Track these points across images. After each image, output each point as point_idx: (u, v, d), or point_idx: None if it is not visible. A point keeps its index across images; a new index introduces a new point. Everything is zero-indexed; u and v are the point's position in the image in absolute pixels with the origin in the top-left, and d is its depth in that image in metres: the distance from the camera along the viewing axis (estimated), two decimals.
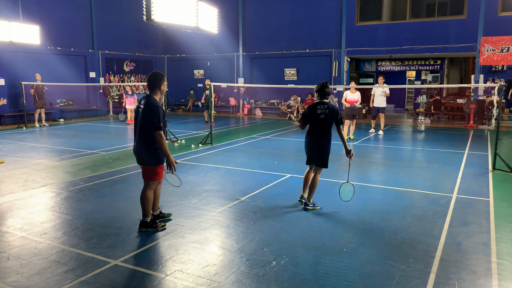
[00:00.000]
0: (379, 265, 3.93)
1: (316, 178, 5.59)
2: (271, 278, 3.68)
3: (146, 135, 4.51)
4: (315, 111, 5.50)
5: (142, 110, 4.53)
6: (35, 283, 3.60)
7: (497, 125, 8.14)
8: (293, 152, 10.33)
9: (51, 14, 17.28)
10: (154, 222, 4.84)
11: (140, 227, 4.79)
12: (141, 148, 4.60)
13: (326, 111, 5.46)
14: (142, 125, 4.51)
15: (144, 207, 4.75)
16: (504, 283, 3.60)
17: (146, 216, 4.77)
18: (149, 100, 4.55)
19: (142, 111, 4.52)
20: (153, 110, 4.43)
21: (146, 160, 4.63)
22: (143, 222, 4.79)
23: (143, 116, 4.48)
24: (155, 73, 4.66)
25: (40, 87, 15.15)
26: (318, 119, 5.47)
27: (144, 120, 4.48)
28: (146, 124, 4.46)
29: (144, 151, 4.59)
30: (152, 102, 4.51)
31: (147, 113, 4.45)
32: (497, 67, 15.92)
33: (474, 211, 5.51)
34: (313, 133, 5.57)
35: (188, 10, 7.79)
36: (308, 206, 5.58)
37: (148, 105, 4.49)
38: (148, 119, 4.44)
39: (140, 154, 4.64)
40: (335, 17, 18.39)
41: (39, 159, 9.11)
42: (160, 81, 4.62)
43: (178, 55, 22.79)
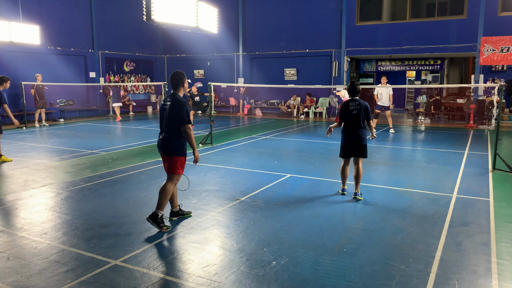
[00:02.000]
0: (379, 265, 3.93)
1: (359, 168, 6.09)
2: (271, 278, 3.68)
3: (174, 129, 4.81)
4: (347, 108, 6.02)
5: (170, 106, 4.82)
6: (35, 283, 3.60)
7: (497, 125, 8.14)
8: (293, 152, 10.34)
9: (51, 14, 17.28)
10: (162, 220, 4.86)
11: (149, 218, 4.81)
12: (169, 140, 4.84)
13: (358, 107, 5.98)
14: (171, 120, 4.80)
15: (161, 200, 4.83)
16: (504, 283, 3.60)
17: (160, 208, 4.82)
18: (176, 97, 4.86)
19: (169, 107, 4.81)
20: (182, 106, 4.75)
21: (174, 151, 4.84)
22: (154, 214, 4.82)
23: (172, 112, 4.78)
24: (177, 73, 4.95)
25: (40, 87, 15.16)
26: (351, 115, 5.97)
27: (173, 115, 4.78)
28: (175, 119, 4.77)
29: (173, 142, 4.83)
30: (179, 99, 4.83)
31: (176, 109, 4.76)
32: (497, 67, 15.92)
33: (474, 211, 5.51)
34: (349, 128, 6.06)
35: (188, 10, 7.80)
36: (357, 195, 6.04)
37: (176, 101, 4.81)
38: (177, 114, 4.75)
39: (168, 145, 4.86)
40: (335, 17, 18.39)
41: (39, 159, 9.11)
42: (182, 79, 4.94)
43: (178, 55, 22.79)
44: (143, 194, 6.33)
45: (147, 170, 7.97)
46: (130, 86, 21.61)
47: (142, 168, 8.15)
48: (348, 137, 6.05)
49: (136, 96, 22.02)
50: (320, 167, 8.28)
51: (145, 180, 7.19)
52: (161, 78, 22.74)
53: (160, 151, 4.97)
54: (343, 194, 6.28)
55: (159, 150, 4.98)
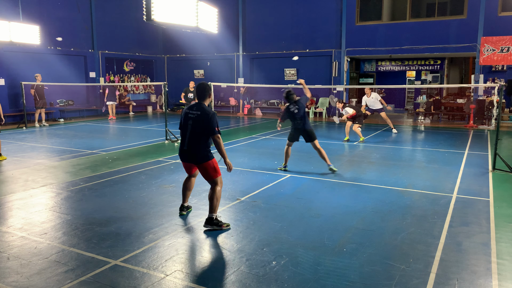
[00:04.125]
0: (379, 265, 3.93)
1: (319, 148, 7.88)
2: (271, 278, 3.68)
3: (201, 138, 4.88)
4: (289, 110, 7.87)
5: (197, 116, 4.88)
6: (35, 283, 3.60)
7: (497, 125, 8.14)
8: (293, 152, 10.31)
9: (51, 14, 17.28)
10: (219, 221, 4.93)
11: (206, 224, 4.90)
12: (198, 149, 4.91)
13: (297, 106, 7.80)
14: (199, 130, 4.86)
15: (213, 204, 4.93)
16: (504, 283, 3.60)
17: (213, 212, 4.92)
18: (203, 107, 4.93)
19: (196, 118, 4.88)
20: (212, 117, 4.84)
21: (205, 157, 4.92)
22: (209, 219, 4.91)
23: (200, 122, 4.85)
24: (203, 84, 5.07)
25: (40, 87, 15.16)
26: (293, 113, 7.82)
27: (202, 126, 4.84)
28: (204, 130, 4.84)
29: (201, 151, 4.91)
30: (208, 110, 4.92)
31: (206, 120, 4.83)
32: (497, 67, 15.92)
33: (474, 211, 5.51)
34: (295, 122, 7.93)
35: (188, 10, 7.79)
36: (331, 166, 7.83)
37: (204, 112, 4.88)
38: (207, 125, 4.82)
39: (198, 153, 4.92)
40: (335, 17, 18.39)
41: (39, 159, 9.11)
42: (208, 91, 5.08)
43: (178, 55, 22.78)
44: (143, 194, 6.33)
45: (147, 170, 7.97)
46: (130, 86, 21.61)
47: (142, 168, 8.15)
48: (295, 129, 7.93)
49: (136, 96, 22.02)
50: (320, 167, 8.28)
51: (145, 180, 7.20)
52: (161, 78, 22.75)
53: (188, 161, 5.05)
54: (285, 170, 7.90)
55: (186, 160, 5.05)
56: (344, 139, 11.53)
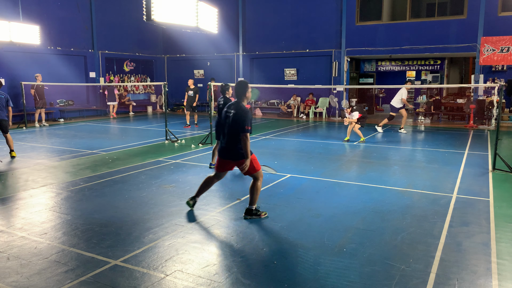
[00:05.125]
0: (379, 265, 3.93)
1: None
2: (271, 278, 3.68)
3: (236, 135, 5.07)
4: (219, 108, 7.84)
5: (234, 114, 5.08)
6: (35, 283, 3.60)
7: (497, 125, 8.14)
8: (293, 152, 10.34)
9: (51, 14, 17.28)
10: (257, 211, 5.24)
11: (245, 215, 5.23)
12: (234, 146, 5.11)
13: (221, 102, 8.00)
14: (235, 127, 5.05)
15: (252, 196, 5.19)
16: (504, 283, 3.60)
17: (253, 204, 5.21)
18: (240, 105, 5.12)
19: (233, 115, 5.08)
20: (245, 115, 5.00)
21: (243, 154, 5.10)
22: (248, 210, 5.24)
23: (235, 119, 5.04)
24: (241, 82, 5.23)
25: (40, 87, 15.15)
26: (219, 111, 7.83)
27: (236, 123, 5.03)
28: (238, 127, 5.02)
29: (238, 148, 5.10)
30: (243, 108, 5.09)
31: (240, 118, 5.01)
32: (497, 67, 15.91)
33: (474, 211, 5.51)
34: None
35: (188, 10, 7.80)
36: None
37: (240, 110, 5.06)
38: (240, 122, 4.99)
39: (236, 151, 5.13)
40: (335, 17, 18.39)
41: (39, 159, 9.11)
42: (246, 89, 5.20)
43: (178, 55, 22.78)
44: (143, 194, 6.33)
45: (147, 170, 7.97)
46: (130, 86, 21.61)
47: (142, 168, 8.15)
48: None
49: (136, 96, 22.02)
50: (320, 167, 8.28)
51: (145, 180, 7.19)
52: (161, 78, 22.74)
53: (227, 158, 5.21)
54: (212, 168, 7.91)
55: (224, 157, 5.23)
56: (345, 139, 11.53)
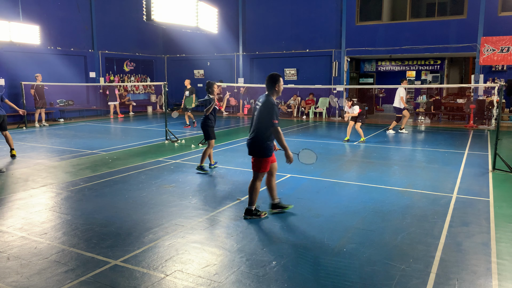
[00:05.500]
0: (379, 265, 3.93)
1: None
2: (271, 278, 3.68)
3: (261, 129, 4.99)
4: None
5: (260, 107, 5.00)
6: (35, 283, 3.60)
7: (497, 125, 8.14)
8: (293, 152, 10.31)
9: (51, 14, 17.28)
10: (257, 211, 5.24)
11: (245, 215, 5.22)
12: (254, 141, 5.05)
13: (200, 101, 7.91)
14: (259, 120, 4.99)
15: (251, 196, 5.18)
16: (504, 283, 3.60)
17: (251, 204, 5.21)
18: (267, 99, 5.01)
19: (259, 109, 5.00)
20: (270, 108, 4.90)
21: (256, 152, 5.07)
22: (248, 210, 5.23)
23: (261, 113, 4.97)
24: (271, 75, 5.11)
25: (40, 87, 15.15)
26: None
27: (261, 116, 4.95)
28: (263, 120, 4.94)
29: (256, 144, 5.04)
30: (270, 101, 4.97)
31: (264, 111, 4.93)
32: (497, 67, 15.91)
33: (474, 211, 5.51)
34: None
35: (188, 10, 7.80)
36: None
37: (265, 103, 4.97)
38: (265, 116, 4.92)
39: (252, 146, 5.08)
40: (335, 17, 18.39)
41: (39, 159, 9.11)
42: (275, 82, 5.06)
43: (178, 55, 22.78)
44: (143, 194, 6.33)
45: (147, 170, 7.97)
46: (130, 86, 21.61)
47: (142, 168, 8.15)
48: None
49: (136, 96, 22.02)
50: (320, 167, 8.28)
51: (145, 180, 7.19)
52: (161, 78, 22.74)
53: (248, 150, 5.19)
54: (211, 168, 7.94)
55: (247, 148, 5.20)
56: (345, 139, 11.52)
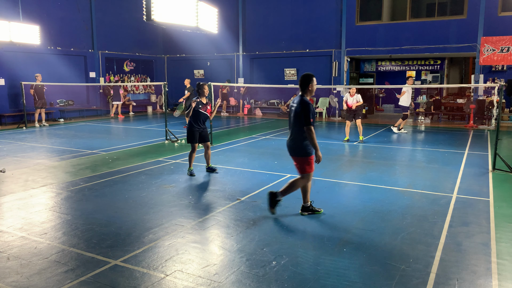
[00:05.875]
0: (379, 265, 3.93)
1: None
2: (271, 278, 3.68)
3: (299, 130, 5.08)
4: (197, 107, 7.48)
5: (296, 108, 5.09)
6: (35, 283, 3.60)
7: (497, 125, 8.14)
8: None
9: (51, 14, 17.28)
10: (313, 207, 5.41)
11: (302, 211, 5.40)
12: (294, 141, 5.16)
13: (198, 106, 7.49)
14: (296, 121, 5.09)
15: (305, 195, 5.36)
16: (504, 283, 3.60)
17: (306, 201, 5.37)
18: (302, 99, 5.10)
19: (295, 110, 5.09)
20: (305, 108, 4.99)
21: (301, 152, 5.14)
22: (304, 207, 5.41)
23: (297, 113, 5.06)
24: (305, 75, 5.20)
25: (40, 87, 15.14)
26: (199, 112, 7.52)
27: (297, 116, 5.05)
28: (299, 120, 5.04)
29: (297, 144, 5.14)
30: (304, 101, 5.07)
31: (300, 110, 5.01)
32: (497, 67, 15.91)
33: (474, 211, 5.51)
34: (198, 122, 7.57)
35: (188, 10, 7.80)
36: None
37: (300, 103, 5.06)
38: (301, 115, 5.00)
39: (295, 147, 5.18)
40: (335, 17, 18.38)
41: (39, 159, 9.11)
42: (309, 82, 5.15)
43: (178, 55, 22.78)
44: (143, 194, 6.33)
45: (147, 170, 7.97)
46: (130, 86, 21.62)
47: (142, 168, 8.15)
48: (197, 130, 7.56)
49: (136, 96, 22.02)
50: (320, 167, 8.27)
51: (145, 180, 7.19)
52: (161, 78, 22.74)
53: (288, 152, 5.29)
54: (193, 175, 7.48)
55: (288, 151, 5.30)
56: (344, 139, 11.53)
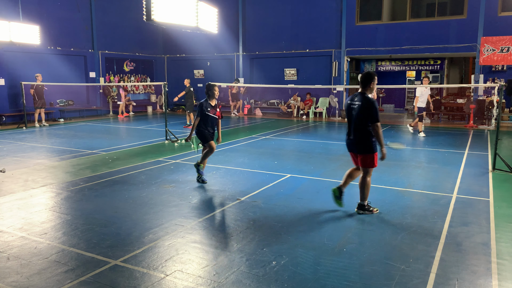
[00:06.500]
0: (379, 265, 3.93)
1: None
2: (271, 278, 3.68)
3: (364, 128, 5.12)
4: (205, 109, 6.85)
5: (359, 106, 5.10)
6: (35, 283, 3.60)
7: (497, 125, 8.14)
8: (293, 152, 10.34)
9: (51, 14, 17.28)
10: (369, 206, 5.40)
11: (358, 209, 5.40)
12: (359, 139, 5.20)
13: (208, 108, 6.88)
14: (361, 118, 5.11)
15: (363, 192, 5.32)
16: (504, 283, 3.60)
17: (364, 199, 5.35)
18: (365, 97, 5.15)
19: (359, 107, 5.10)
20: (372, 105, 5.04)
21: (367, 149, 5.20)
22: (361, 205, 5.41)
23: (362, 111, 5.08)
24: (368, 73, 5.26)
25: (40, 87, 15.14)
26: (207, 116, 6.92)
27: (363, 114, 5.07)
28: (365, 118, 5.07)
29: (363, 141, 5.19)
30: (369, 98, 5.12)
31: (366, 108, 5.04)
32: (497, 67, 15.91)
33: (474, 211, 5.51)
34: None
35: (188, 10, 7.79)
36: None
37: (365, 101, 5.10)
38: (368, 113, 5.04)
39: (359, 144, 5.23)
40: (335, 17, 18.39)
41: (39, 159, 9.11)
42: (371, 80, 5.21)
43: (178, 55, 22.78)
44: (143, 194, 6.33)
45: (147, 170, 7.97)
46: (130, 86, 21.62)
47: (142, 168, 8.15)
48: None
49: (136, 96, 22.02)
50: (320, 167, 8.28)
51: (145, 180, 7.19)
52: (161, 78, 22.74)
53: (351, 150, 5.37)
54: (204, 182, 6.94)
55: (350, 149, 5.40)
56: None
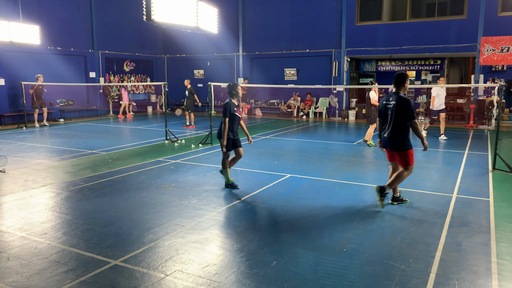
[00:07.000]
0: (379, 265, 3.93)
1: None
2: (271, 278, 3.68)
3: (401, 125, 5.37)
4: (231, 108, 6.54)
5: (396, 105, 5.35)
6: (35, 283, 3.60)
7: (497, 125, 8.14)
8: (293, 152, 10.33)
9: (51, 14, 17.28)
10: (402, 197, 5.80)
11: (392, 201, 5.76)
12: (397, 137, 5.43)
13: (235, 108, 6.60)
14: (398, 117, 5.35)
15: (393, 181, 5.51)
16: (504, 283, 3.60)
17: (390, 187, 5.53)
18: (400, 96, 5.42)
19: (395, 106, 5.35)
20: (408, 104, 5.28)
21: (402, 146, 5.43)
22: (394, 197, 5.77)
23: (398, 110, 5.33)
24: (401, 74, 5.51)
25: (40, 88, 15.14)
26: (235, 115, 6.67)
27: (400, 113, 5.33)
28: (402, 116, 5.32)
29: (400, 139, 5.42)
30: (404, 98, 5.36)
31: (403, 107, 5.30)
32: (497, 67, 15.91)
33: (474, 211, 5.51)
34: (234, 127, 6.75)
35: (188, 10, 7.79)
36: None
37: (401, 100, 5.35)
38: (404, 111, 5.29)
39: (397, 142, 5.45)
40: (335, 17, 18.39)
41: (39, 159, 9.11)
42: (404, 80, 5.47)
43: (178, 55, 22.78)
44: (143, 194, 6.33)
45: (147, 170, 7.97)
46: (130, 86, 21.62)
47: (142, 168, 8.15)
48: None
49: (136, 96, 22.02)
50: (320, 167, 8.28)
51: (145, 180, 7.19)
52: (161, 78, 22.74)
53: (388, 147, 5.57)
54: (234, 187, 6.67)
55: (386, 146, 5.62)
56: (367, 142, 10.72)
